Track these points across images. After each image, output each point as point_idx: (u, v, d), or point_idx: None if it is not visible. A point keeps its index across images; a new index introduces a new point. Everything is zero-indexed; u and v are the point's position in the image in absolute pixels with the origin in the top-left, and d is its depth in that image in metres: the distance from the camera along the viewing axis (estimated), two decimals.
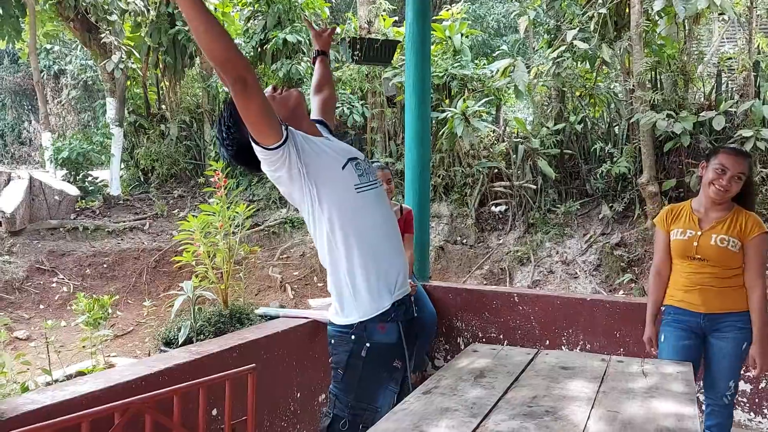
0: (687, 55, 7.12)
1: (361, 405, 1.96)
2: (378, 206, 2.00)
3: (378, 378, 1.96)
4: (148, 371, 2.62)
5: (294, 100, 2.09)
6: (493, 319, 4.64)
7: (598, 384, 2.10)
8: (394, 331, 1.97)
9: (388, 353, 1.97)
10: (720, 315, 2.85)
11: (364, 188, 1.97)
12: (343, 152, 2.00)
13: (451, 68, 8.09)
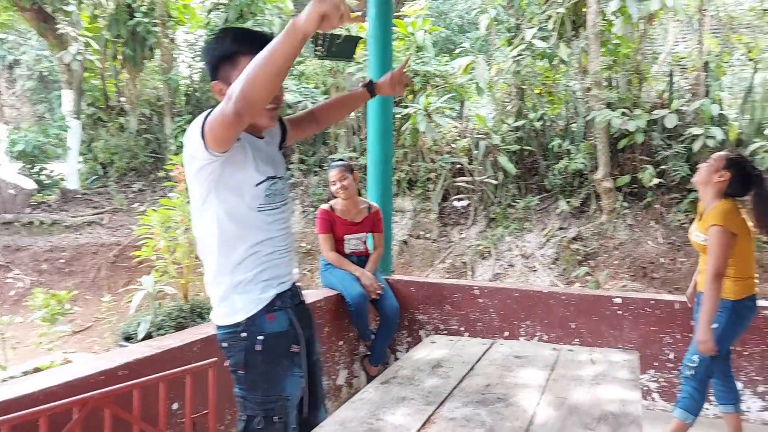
0: (641, 55, 7.33)
1: (271, 398, 1.95)
2: (275, 224, 2.00)
3: (280, 367, 1.95)
4: (108, 366, 2.61)
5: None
6: (454, 311, 4.73)
7: (549, 372, 2.18)
8: (283, 319, 1.98)
9: (283, 340, 1.98)
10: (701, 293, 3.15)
11: (267, 208, 1.96)
12: (265, 170, 1.95)
13: (414, 64, 8.16)
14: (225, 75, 1.86)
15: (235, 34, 1.89)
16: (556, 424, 1.72)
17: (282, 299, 1.99)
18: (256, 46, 1.74)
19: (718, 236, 3.03)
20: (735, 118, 7.16)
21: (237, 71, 1.76)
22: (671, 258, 6.54)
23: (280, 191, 2.01)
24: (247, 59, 1.75)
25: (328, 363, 4.24)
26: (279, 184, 2.01)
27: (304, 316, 2.09)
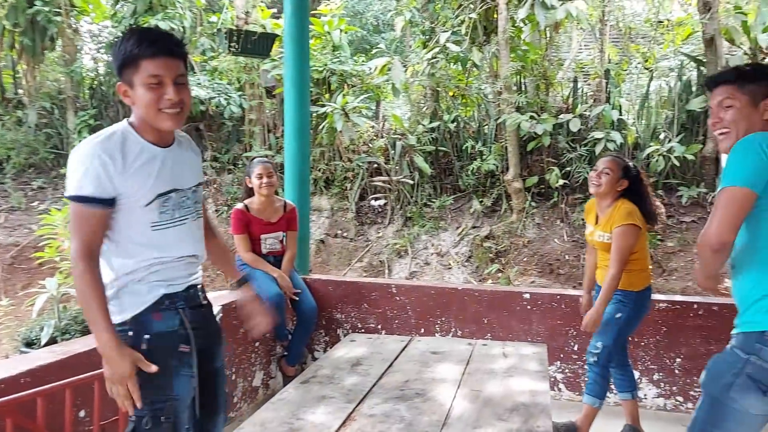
0: (548, 61, 7.67)
1: (159, 398, 1.92)
2: (172, 239, 1.98)
3: (167, 366, 1.92)
4: (8, 374, 2.47)
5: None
6: (372, 310, 4.78)
7: (464, 366, 2.26)
8: (172, 319, 1.96)
9: (171, 340, 1.96)
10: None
11: (162, 226, 1.95)
12: (155, 187, 1.92)
13: (331, 63, 8.15)
14: (128, 78, 1.84)
15: (138, 36, 1.84)
16: (472, 416, 1.78)
17: (173, 299, 1.97)
18: (159, 50, 1.81)
19: (630, 233, 3.27)
20: (633, 123, 7.64)
21: (139, 75, 1.80)
22: (575, 255, 6.89)
23: (179, 204, 1.98)
24: (149, 63, 1.80)
25: (243, 364, 4.18)
26: (175, 199, 1.97)
27: (204, 322, 2.06)
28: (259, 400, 4.38)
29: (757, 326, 1.86)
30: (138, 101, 1.85)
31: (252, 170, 4.29)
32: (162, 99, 1.84)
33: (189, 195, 2.02)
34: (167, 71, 1.83)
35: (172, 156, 1.98)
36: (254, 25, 8.36)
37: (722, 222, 1.85)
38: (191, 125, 9.27)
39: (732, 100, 1.99)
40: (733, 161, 1.91)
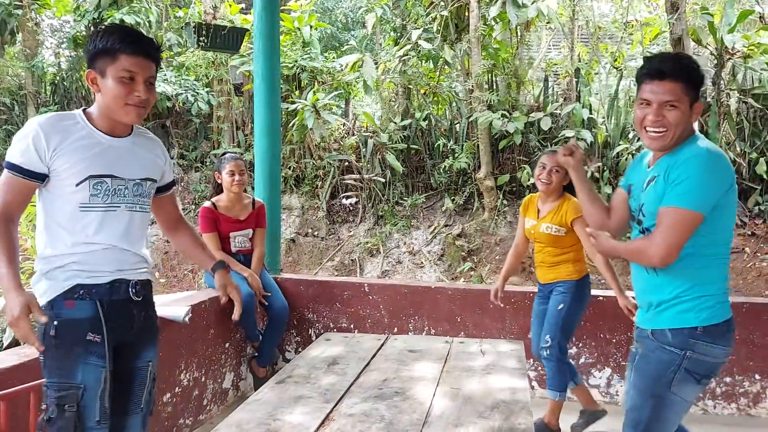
0: (519, 60, 7.71)
1: (63, 385, 1.95)
2: (102, 224, 2.02)
3: (73, 354, 1.95)
4: None
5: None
6: (344, 309, 4.73)
7: (442, 364, 2.23)
8: (86, 308, 1.99)
9: (80, 327, 1.98)
10: (550, 284, 3.52)
11: (90, 209, 1.99)
12: (88, 168, 1.97)
13: (301, 60, 8.06)
14: (101, 67, 1.94)
15: (123, 33, 1.96)
16: (453, 414, 1.75)
17: (89, 290, 1.99)
18: (139, 50, 1.94)
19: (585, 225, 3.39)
20: (602, 122, 7.72)
21: (114, 67, 1.92)
22: None
23: (114, 191, 2.02)
24: (127, 59, 1.93)
25: (213, 366, 4.09)
26: (111, 184, 2.01)
27: (127, 318, 2.08)
28: (230, 402, 4.29)
29: (688, 323, 1.94)
30: (106, 91, 1.95)
31: (223, 166, 4.20)
32: (131, 94, 1.94)
33: (129, 186, 2.06)
34: (141, 70, 1.95)
35: (120, 146, 2.04)
36: (222, 21, 8.22)
37: (676, 245, 1.89)
38: (158, 122, 9.09)
39: (679, 102, 1.90)
40: (699, 180, 1.88)
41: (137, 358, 2.13)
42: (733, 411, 4.12)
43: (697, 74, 1.94)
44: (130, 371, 2.12)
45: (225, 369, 4.25)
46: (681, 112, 1.90)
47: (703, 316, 1.95)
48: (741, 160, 7.04)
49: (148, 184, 2.15)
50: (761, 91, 7.15)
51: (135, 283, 2.10)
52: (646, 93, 1.92)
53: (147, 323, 2.16)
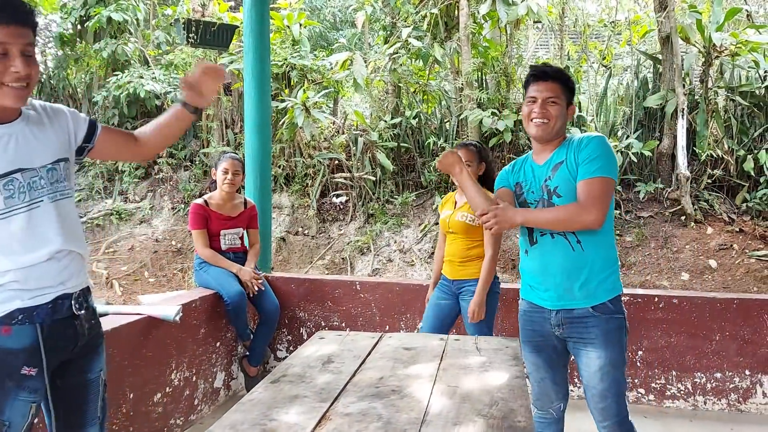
0: (509, 58, 7.71)
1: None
2: (25, 226, 1.76)
3: (3, 389, 1.72)
4: None
5: None
6: (336, 307, 4.71)
7: (438, 362, 2.21)
8: (24, 335, 1.75)
9: (14, 360, 1.74)
10: (460, 281, 3.58)
11: (9, 213, 1.73)
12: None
13: (291, 58, 8.02)
14: None
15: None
16: (452, 412, 1.73)
17: (30, 313, 1.76)
18: (7, 17, 1.62)
19: None
20: (591, 119, 7.75)
21: None
22: None
23: (29, 186, 1.76)
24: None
25: (204, 365, 4.05)
26: (23, 179, 1.75)
27: (71, 335, 1.88)
28: (221, 402, 4.25)
29: (617, 290, 2.36)
30: None
31: (219, 164, 4.20)
32: (7, 71, 1.64)
33: (42, 174, 1.80)
34: (14, 39, 1.64)
35: (15, 132, 1.77)
36: (211, 18, 8.16)
37: (604, 210, 2.24)
38: (146, 120, 9.00)
39: (558, 99, 2.33)
40: (608, 154, 2.29)
41: (88, 371, 1.97)
42: (723, 406, 4.14)
43: (571, 81, 2.40)
44: (82, 385, 1.96)
45: (216, 368, 4.21)
46: (560, 107, 2.33)
47: (619, 283, 2.40)
48: (729, 157, 7.10)
49: (62, 165, 1.88)
50: (748, 89, 7.21)
51: (77, 296, 1.89)
52: (533, 92, 2.35)
53: (92, 333, 1.96)
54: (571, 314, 2.36)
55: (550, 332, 2.45)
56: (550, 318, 2.42)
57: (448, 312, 3.66)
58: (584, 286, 2.33)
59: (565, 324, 2.39)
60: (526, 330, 2.54)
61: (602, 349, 2.32)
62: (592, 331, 2.33)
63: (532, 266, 2.45)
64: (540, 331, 2.48)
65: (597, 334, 2.32)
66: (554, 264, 2.36)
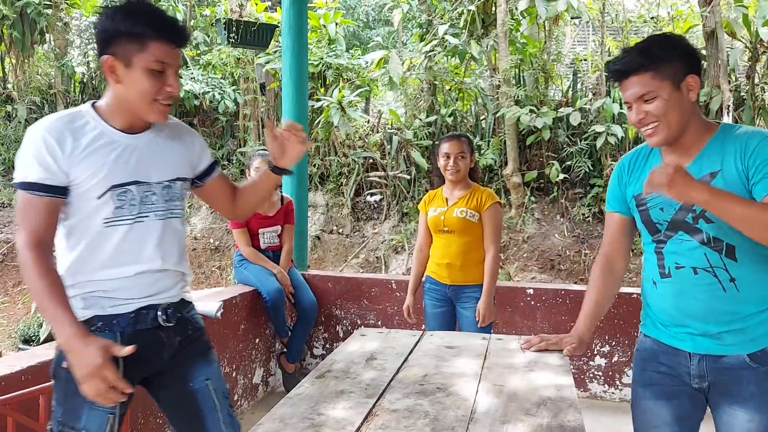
0: (547, 54, 7.61)
1: (67, 424, 1.73)
2: (128, 238, 1.77)
3: (80, 394, 1.66)
4: (8, 371, 2.38)
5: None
6: (372, 306, 4.71)
7: (482, 360, 2.19)
8: None
9: None
10: (461, 287, 3.36)
11: (115, 222, 1.74)
12: (109, 177, 1.71)
13: (327, 57, 8.05)
14: (125, 54, 1.66)
15: (151, 15, 1.67)
16: (499, 410, 1.71)
17: (109, 322, 1.75)
18: (173, 37, 1.68)
19: (500, 211, 3.38)
20: None
21: (143, 57, 1.65)
22: (576, 250, 6.84)
23: (142, 200, 1.77)
24: (159, 47, 1.66)
25: (244, 361, 4.10)
26: (137, 192, 1.76)
27: (159, 346, 1.84)
28: (260, 398, 4.30)
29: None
30: (131, 84, 1.68)
31: (252, 162, 4.23)
32: (162, 89, 1.69)
33: (157, 190, 1.80)
34: (173, 60, 1.70)
35: (140, 144, 1.78)
36: (249, 18, 8.24)
37: None
38: (185, 120, 9.14)
39: (655, 91, 1.69)
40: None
41: (189, 380, 1.90)
42: None
43: (666, 50, 1.70)
44: (187, 395, 1.89)
45: (255, 364, 4.26)
46: (664, 99, 1.69)
47: None
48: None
49: (179, 184, 1.87)
50: None
51: (166, 308, 1.84)
52: (624, 96, 1.78)
53: (186, 343, 1.92)
54: (718, 363, 1.76)
55: (686, 379, 1.84)
56: (689, 365, 1.81)
57: (449, 318, 3.46)
58: (739, 332, 1.74)
59: (710, 374, 1.78)
60: (648, 371, 1.93)
61: (755, 412, 1.71)
62: (746, 388, 1.72)
63: (664, 304, 1.85)
64: (672, 375, 1.86)
65: (753, 391, 1.71)
66: (696, 306, 1.77)
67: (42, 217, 1.65)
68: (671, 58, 1.69)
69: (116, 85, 1.71)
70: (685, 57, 1.72)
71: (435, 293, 3.47)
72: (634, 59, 1.72)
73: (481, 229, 3.32)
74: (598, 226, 6.92)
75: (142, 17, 1.65)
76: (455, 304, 3.44)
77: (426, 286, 3.53)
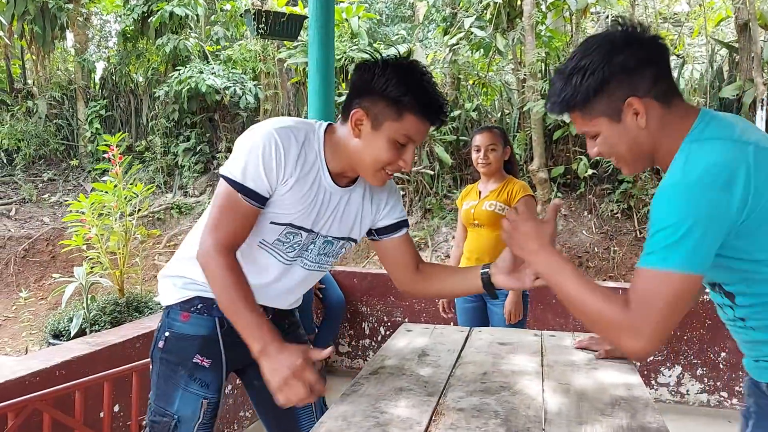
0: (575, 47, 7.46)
1: (159, 409, 1.71)
2: (267, 269, 1.71)
3: (175, 376, 1.69)
4: (42, 366, 2.32)
5: None
6: (398, 302, 4.63)
7: (540, 357, 2.09)
8: (204, 325, 1.71)
9: (189, 346, 1.70)
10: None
11: (267, 249, 1.67)
12: (294, 216, 1.63)
13: (350, 51, 7.96)
14: (378, 116, 1.53)
15: (421, 87, 1.52)
16: (572, 411, 1.61)
17: (209, 305, 1.70)
18: (434, 117, 1.55)
19: (533, 205, 3.30)
20: None
21: (394, 125, 1.52)
22: (605, 247, 6.70)
23: (302, 246, 1.69)
24: (415, 122, 1.53)
25: None
26: (304, 239, 1.68)
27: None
28: None
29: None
30: (369, 146, 1.56)
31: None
32: (395, 162, 1.57)
33: (318, 243, 1.71)
34: (421, 137, 1.58)
35: (336, 198, 1.68)
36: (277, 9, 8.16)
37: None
38: (206, 115, 9.11)
39: (590, 131, 1.40)
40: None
41: None
42: None
43: (589, 78, 1.32)
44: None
45: None
46: (605, 136, 1.37)
47: None
48: None
49: (340, 243, 1.77)
50: None
51: (272, 309, 1.79)
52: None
53: (294, 336, 1.88)
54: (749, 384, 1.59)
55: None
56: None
57: (480, 314, 3.40)
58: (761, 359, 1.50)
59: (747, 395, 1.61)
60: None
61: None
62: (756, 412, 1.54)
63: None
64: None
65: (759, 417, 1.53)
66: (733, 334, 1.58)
67: (242, 223, 1.56)
68: (597, 87, 1.32)
69: (353, 138, 1.58)
70: (619, 74, 1.31)
71: None
72: (555, 100, 1.41)
73: None
74: (627, 223, 6.78)
75: (414, 89, 1.51)
76: (486, 300, 3.38)
77: None
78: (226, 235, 1.53)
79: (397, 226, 1.82)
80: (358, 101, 1.56)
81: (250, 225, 1.58)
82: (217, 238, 1.53)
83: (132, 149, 9.30)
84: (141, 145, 9.34)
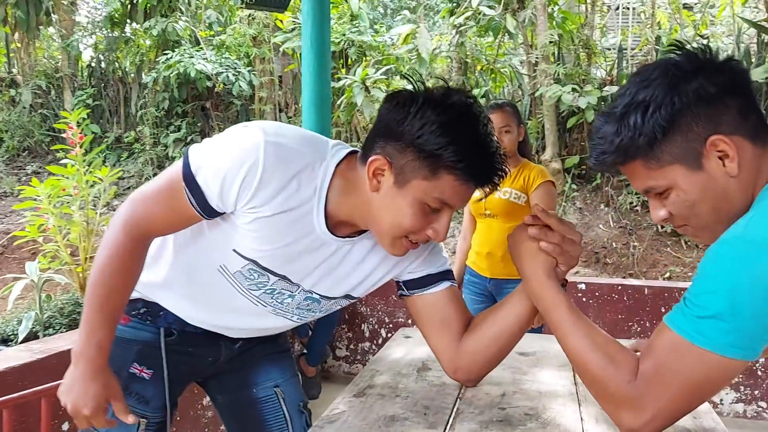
0: (590, 29, 7.04)
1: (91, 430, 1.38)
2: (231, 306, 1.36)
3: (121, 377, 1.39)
4: None
5: None
6: (400, 302, 4.21)
7: (571, 373, 1.64)
8: (147, 329, 1.43)
9: (125, 352, 1.41)
10: (503, 281, 2.93)
11: (230, 281, 1.30)
12: (260, 255, 1.23)
13: (349, 33, 7.54)
14: (404, 170, 1.10)
15: (473, 136, 1.09)
16: None
17: (155, 311, 1.42)
18: (480, 178, 1.12)
19: (554, 191, 2.94)
20: None
21: (426, 185, 1.09)
22: (623, 242, 6.26)
23: (272, 293, 1.30)
24: (451, 182, 1.09)
25: None
26: (275, 286, 1.28)
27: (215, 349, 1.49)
28: None
29: None
30: (389, 206, 1.13)
31: None
32: (423, 230, 1.15)
33: (298, 297, 1.31)
34: (459, 203, 1.16)
35: (332, 250, 1.25)
36: None
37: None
38: (197, 104, 8.71)
39: (660, 185, 1.02)
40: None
41: (253, 386, 1.54)
42: None
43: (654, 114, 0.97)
44: (249, 402, 1.54)
45: None
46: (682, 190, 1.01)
47: None
48: None
49: (331, 301, 1.37)
50: None
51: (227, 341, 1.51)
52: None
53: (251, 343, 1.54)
54: None
55: None
56: None
57: None
58: None
59: None
60: None
61: None
62: None
63: None
64: None
65: None
66: None
67: (171, 218, 1.21)
68: (667, 125, 0.97)
69: (369, 191, 1.15)
70: (695, 106, 0.96)
71: (474, 287, 3.08)
72: (606, 149, 1.02)
73: (527, 212, 2.81)
74: (647, 216, 6.33)
75: (460, 141, 1.07)
76: (496, 299, 3.01)
77: (465, 278, 3.14)
78: (147, 218, 1.21)
79: (433, 278, 1.34)
80: (382, 144, 1.12)
81: (182, 226, 1.24)
82: (137, 214, 1.20)
83: (121, 141, 8.92)
84: (130, 135, 8.96)
